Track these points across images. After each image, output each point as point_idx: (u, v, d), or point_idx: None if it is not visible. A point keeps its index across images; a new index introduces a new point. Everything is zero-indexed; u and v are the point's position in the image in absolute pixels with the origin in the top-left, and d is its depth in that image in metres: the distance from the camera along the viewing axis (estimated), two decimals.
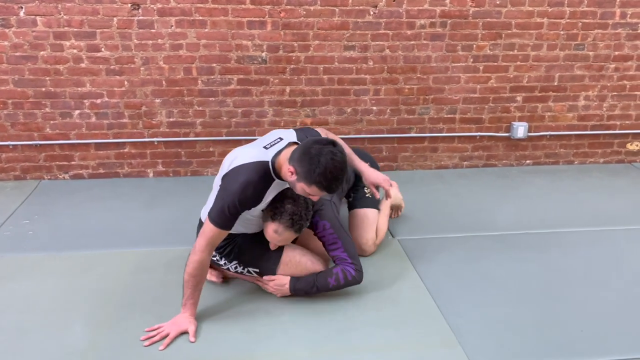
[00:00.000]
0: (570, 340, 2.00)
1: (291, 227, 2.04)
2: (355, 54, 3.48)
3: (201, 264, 1.96)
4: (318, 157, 1.81)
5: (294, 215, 2.02)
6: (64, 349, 1.91)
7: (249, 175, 1.91)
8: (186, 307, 2.01)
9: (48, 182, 3.52)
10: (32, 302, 2.19)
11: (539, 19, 3.54)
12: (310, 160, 1.82)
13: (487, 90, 3.69)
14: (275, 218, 2.04)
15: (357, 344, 1.96)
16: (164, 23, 3.27)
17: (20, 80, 3.28)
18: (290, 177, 1.89)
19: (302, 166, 1.84)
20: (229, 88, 3.47)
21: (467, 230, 2.89)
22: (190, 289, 1.99)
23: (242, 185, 1.90)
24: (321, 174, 1.81)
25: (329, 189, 1.86)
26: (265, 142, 2.06)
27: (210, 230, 1.94)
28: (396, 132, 3.72)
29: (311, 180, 1.83)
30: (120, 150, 3.54)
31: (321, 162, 1.81)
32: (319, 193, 1.89)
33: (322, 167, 1.81)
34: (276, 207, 2.03)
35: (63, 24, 3.20)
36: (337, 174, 1.85)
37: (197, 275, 1.97)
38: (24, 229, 2.84)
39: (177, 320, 2.00)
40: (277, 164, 1.95)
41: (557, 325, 2.08)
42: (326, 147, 1.84)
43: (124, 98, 3.40)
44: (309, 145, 1.86)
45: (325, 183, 1.84)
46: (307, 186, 1.86)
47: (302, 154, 1.85)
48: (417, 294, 2.29)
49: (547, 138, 3.90)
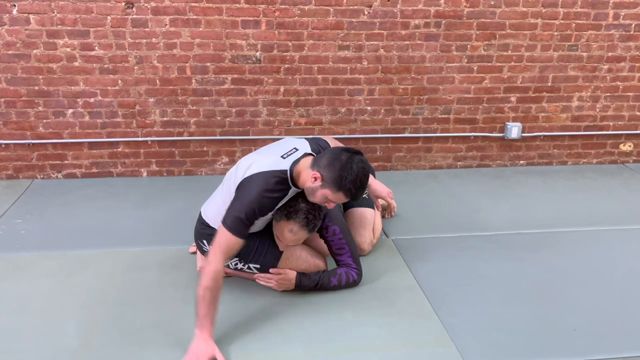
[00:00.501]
0: (562, 339, 2.00)
1: (306, 226, 2.05)
2: (349, 53, 3.48)
3: (217, 274, 1.86)
4: (350, 164, 1.88)
5: (308, 214, 2.03)
6: (56, 349, 1.90)
7: (268, 184, 1.94)
8: (203, 326, 1.83)
9: (41, 181, 3.50)
10: (25, 302, 2.17)
11: (533, 19, 3.56)
12: (342, 167, 1.87)
13: (481, 90, 3.70)
14: (291, 217, 2.03)
15: (352, 344, 1.96)
16: (158, 22, 3.26)
17: (13, 78, 3.26)
18: (313, 182, 1.92)
19: (331, 172, 1.89)
20: (223, 87, 3.46)
21: (461, 230, 2.89)
22: (207, 305, 1.83)
23: (261, 193, 1.92)
24: (352, 181, 1.88)
25: (355, 196, 1.93)
26: (282, 151, 2.09)
27: (227, 239, 1.90)
28: (390, 132, 3.73)
29: (340, 187, 1.89)
30: (113, 150, 3.53)
31: (353, 169, 1.88)
32: (343, 200, 1.94)
33: (354, 175, 1.88)
34: (291, 206, 2.04)
35: (56, 23, 3.18)
36: (365, 183, 1.94)
37: (214, 288, 1.85)
38: (16, 228, 2.82)
39: (198, 349, 1.80)
40: (295, 173, 1.99)
41: (549, 324, 2.09)
42: (356, 156, 1.92)
43: (117, 97, 3.39)
44: (337, 152, 1.92)
45: (354, 190, 1.90)
46: (333, 192, 1.91)
47: (331, 161, 1.90)
48: (411, 293, 2.30)
49: (540, 138, 3.91)
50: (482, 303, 2.23)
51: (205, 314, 1.84)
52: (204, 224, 2.21)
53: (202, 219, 2.23)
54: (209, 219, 2.19)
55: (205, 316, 1.84)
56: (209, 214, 2.20)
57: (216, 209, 2.14)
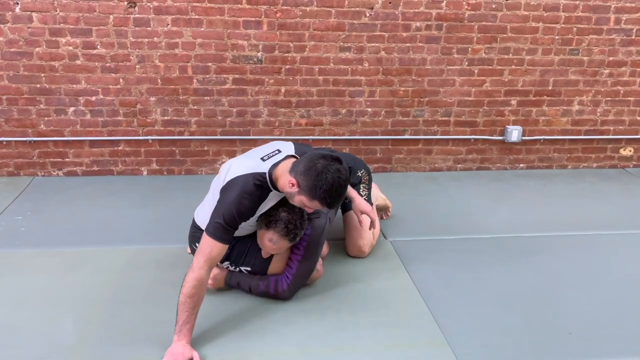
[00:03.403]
0: (558, 342, 2.00)
1: (286, 236, 2.02)
2: (350, 55, 3.49)
3: (200, 283, 1.83)
4: (325, 173, 1.81)
5: (289, 224, 2.00)
6: (53, 345, 1.90)
7: (245, 187, 1.90)
8: (182, 333, 1.83)
9: (41, 178, 3.51)
10: (23, 298, 2.18)
11: (534, 23, 3.56)
12: (317, 176, 1.82)
13: (482, 93, 3.71)
14: (270, 226, 2.01)
15: (347, 344, 1.96)
16: (160, 21, 3.27)
17: (15, 76, 3.28)
18: (290, 188, 1.88)
19: (306, 180, 1.83)
20: (224, 87, 3.47)
21: (459, 233, 2.90)
22: (187, 312, 1.83)
23: (239, 196, 1.88)
24: (326, 190, 1.82)
25: (330, 205, 1.88)
26: (263, 153, 2.06)
27: (209, 245, 1.87)
28: (390, 134, 3.74)
29: (314, 195, 1.84)
30: (114, 148, 3.54)
31: (327, 179, 1.81)
32: (319, 207, 1.90)
33: (329, 185, 1.81)
34: (271, 216, 2.01)
35: (59, 21, 3.20)
36: (341, 192, 1.87)
37: (195, 295, 1.83)
38: (16, 225, 2.84)
39: (177, 350, 1.81)
40: (274, 175, 1.94)
41: (545, 327, 2.09)
42: (333, 165, 1.84)
43: (119, 96, 3.40)
44: (314, 159, 1.86)
45: (329, 200, 1.85)
46: (309, 200, 1.87)
47: (307, 168, 1.84)
48: (408, 295, 2.30)
49: (541, 142, 3.91)
50: (478, 305, 2.23)
51: (185, 321, 1.84)
52: (196, 228, 2.20)
53: (195, 223, 2.23)
54: (200, 223, 2.17)
55: (184, 323, 1.84)
56: (200, 218, 2.18)
57: (206, 213, 2.12)
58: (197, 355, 1.83)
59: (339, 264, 2.52)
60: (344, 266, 2.51)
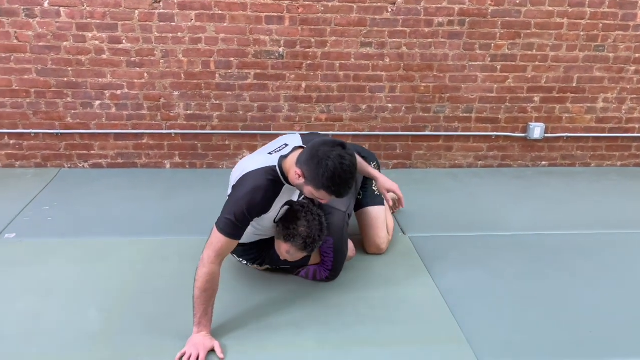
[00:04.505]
0: (578, 341, 1.99)
1: (304, 250, 2.03)
2: (372, 50, 3.49)
3: (212, 276, 1.84)
4: (326, 160, 1.74)
5: (307, 239, 1.98)
6: (78, 333, 1.96)
7: (257, 181, 1.87)
8: (201, 325, 1.86)
9: (68, 170, 3.60)
10: (49, 286, 2.25)
11: (559, 19, 3.51)
12: (318, 164, 1.75)
13: (504, 90, 3.67)
14: (288, 240, 2.01)
15: (365, 338, 1.98)
16: (184, 17, 3.31)
17: (43, 69, 3.36)
18: (298, 180, 1.84)
19: (309, 170, 1.78)
20: (246, 82, 3.50)
21: (479, 230, 2.89)
22: (204, 305, 1.85)
23: (251, 191, 1.85)
24: (330, 178, 1.74)
25: (337, 193, 1.80)
26: (270, 149, 2.04)
27: (219, 240, 1.85)
28: (411, 130, 3.73)
29: (319, 184, 1.77)
30: (138, 141, 3.60)
31: (329, 166, 1.73)
32: (328, 197, 1.84)
33: (331, 172, 1.74)
34: (288, 229, 1.99)
35: (86, 16, 3.26)
36: (347, 178, 1.77)
37: (209, 289, 1.84)
38: (43, 215, 2.91)
39: (197, 340, 1.84)
40: (285, 168, 1.90)
41: (566, 326, 2.08)
42: (334, 150, 1.76)
43: (143, 90, 3.46)
44: (316, 147, 1.80)
45: (334, 188, 1.78)
46: (316, 190, 1.81)
47: (310, 157, 1.78)
48: (427, 291, 2.31)
49: (564, 139, 3.86)
50: (498, 303, 2.23)
51: (202, 313, 1.86)
52: None
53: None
54: None
55: (203, 316, 1.86)
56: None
57: None
58: (218, 345, 1.86)
59: (357, 259, 2.53)
60: (362, 261, 2.52)
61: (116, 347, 1.90)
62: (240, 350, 1.90)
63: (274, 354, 1.89)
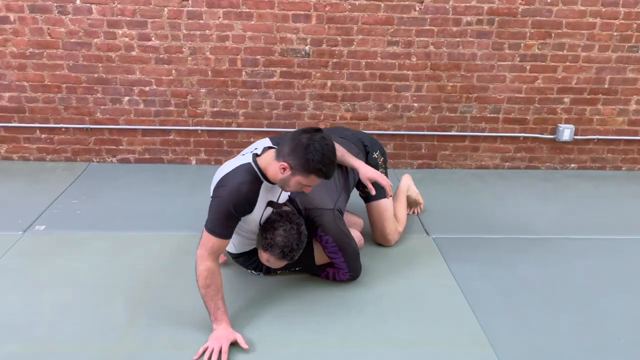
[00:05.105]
0: (605, 347, 1.95)
1: (283, 259, 2.03)
2: (398, 49, 3.47)
3: (210, 272, 1.88)
4: (313, 144, 1.81)
5: (284, 248, 1.99)
6: (104, 324, 2.00)
7: (238, 178, 1.89)
8: (218, 319, 1.90)
9: (96, 164, 3.67)
10: (77, 278, 2.30)
11: (592, 18, 3.44)
12: (306, 150, 1.81)
13: (533, 90, 3.61)
14: (267, 249, 2.02)
15: (387, 338, 1.98)
16: (212, 14, 3.35)
17: (75, 65, 3.43)
18: (283, 173, 1.86)
19: (296, 158, 1.82)
20: (272, 80, 3.52)
21: (505, 232, 2.85)
22: (213, 300, 1.89)
23: (235, 188, 1.87)
24: (320, 161, 1.81)
25: (327, 174, 1.87)
26: (242, 152, 2.09)
27: (209, 240, 1.89)
28: (436, 130, 3.69)
29: (310, 168, 1.83)
30: (165, 137, 3.65)
31: (317, 149, 1.81)
32: (317, 181, 1.89)
33: (320, 154, 1.81)
34: (266, 238, 2.00)
35: (116, 13, 3.32)
36: (333, 158, 1.87)
37: (211, 284, 1.88)
38: (72, 208, 2.98)
39: (220, 334, 1.86)
40: (262, 165, 1.93)
41: (592, 332, 2.03)
42: (316, 135, 1.84)
43: (171, 86, 3.50)
44: (296, 136, 1.85)
45: (325, 169, 1.84)
46: (305, 177, 1.85)
47: (294, 147, 1.83)
48: (450, 292, 2.28)
49: (594, 142, 3.78)
50: (523, 306, 2.19)
51: (215, 308, 1.89)
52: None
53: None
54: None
55: (215, 310, 1.89)
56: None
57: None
58: (241, 336, 1.88)
59: (380, 258, 2.53)
60: (385, 261, 2.51)
61: (141, 338, 1.93)
62: (263, 346, 1.91)
63: (296, 350, 1.90)
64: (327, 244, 2.19)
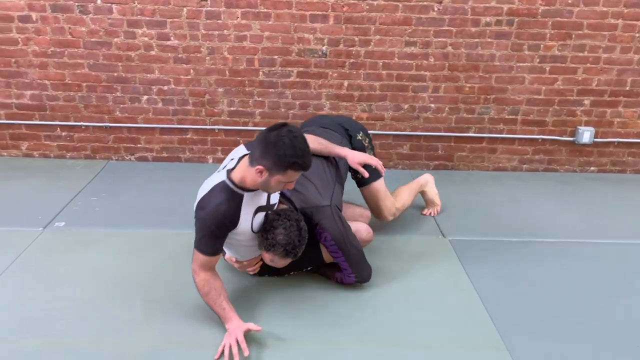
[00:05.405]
0: (625, 355, 1.92)
1: (286, 257, 2.01)
2: (416, 50, 3.45)
3: (206, 281, 1.94)
4: (281, 139, 1.79)
5: (287, 246, 1.97)
6: (121, 320, 2.03)
7: (215, 199, 1.89)
8: (227, 318, 1.93)
9: (115, 162, 3.71)
10: (95, 274, 2.33)
11: (613, 20, 3.38)
12: (275, 147, 1.79)
13: (553, 92, 3.57)
14: (269, 249, 2.00)
15: (402, 340, 1.97)
16: (230, 14, 3.36)
17: (95, 64, 3.47)
18: (261, 177, 1.85)
19: (269, 157, 1.81)
20: (289, 80, 3.53)
21: (522, 235, 2.82)
22: (217, 304, 1.94)
23: (213, 210, 1.88)
24: (292, 154, 1.80)
25: (304, 166, 1.85)
26: (218, 169, 2.08)
27: (199, 257, 1.94)
28: (454, 131, 3.67)
29: (285, 164, 1.81)
30: (183, 136, 3.68)
31: (286, 143, 1.79)
32: (296, 175, 1.87)
33: (290, 147, 1.79)
34: (267, 239, 1.98)
35: (136, 13, 3.35)
36: (305, 148, 1.85)
37: (211, 290, 1.94)
38: (91, 205, 3.02)
39: (232, 328, 1.89)
40: (237, 178, 1.92)
41: (612, 339, 2.00)
42: (282, 129, 1.82)
43: (189, 86, 3.53)
44: (264, 137, 1.84)
45: (300, 161, 1.82)
46: (283, 174, 1.83)
47: (264, 148, 1.82)
48: (465, 295, 2.27)
49: (614, 145, 3.72)
50: (540, 311, 2.17)
51: (221, 311, 1.94)
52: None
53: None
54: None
55: (222, 312, 1.93)
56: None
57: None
58: (251, 324, 1.89)
59: (395, 259, 2.52)
60: (400, 262, 2.50)
61: (158, 335, 1.95)
62: (280, 346, 1.92)
63: (310, 351, 1.90)
64: (326, 241, 2.16)
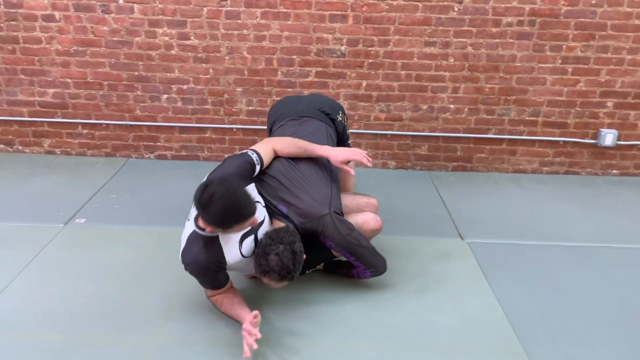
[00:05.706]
0: None
1: (282, 280, 1.96)
2: (435, 50, 3.42)
3: (220, 299, 2.05)
4: (212, 206, 1.79)
5: (281, 271, 1.91)
6: (139, 317, 2.05)
7: (192, 250, 1.92)
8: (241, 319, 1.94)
9: (135, 160, 3.75)
10: (114, 271, 2.36)
11: (638, 21, 3.32)
12: (206, 213, 1.81)
13: (575, 93, 3.51)
14: (264, 275, 1.94)
15: (419, 343, 1.96)
16: (249, 14, 3.38)
17: (116, 63, 3.52)
18: (212, 232, 1.89)
19: (206, 220, 1.83)
20: (307, 80, 3.53)
21: (542, 239, 2.78)
22: (232, 309, 2.01)
23: (194, 262, 1.92)
24: (222, 216, 1.80)
25: (241, 222, 1.85)
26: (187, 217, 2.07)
27: (209, 292, 2.07)
28: (473, 132, 3.63)
29: (225, 227, 1.85)
30: (201, 135, 3.71)
31: (216, 208, 1.78)
32: (245, 225, 1.88)
33: (218, 210, 1.79)
34: (261, 265, 1.92)
35: (157, 12, 3.38)
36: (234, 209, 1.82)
37: (223, 301, 2.04)
38: (111, 202, 3.05)
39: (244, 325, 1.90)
40: (203, 224, 1.91)
41: (633, 345, 1.97)
42: (208, 199, 1.80)
43: (208, 85, 3.55)
44: (196, 200, 1.84)
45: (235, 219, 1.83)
46: (214, 228, 1.86)
47: (200, 213, 1.84)
48: (485, 299, 2.25)
49: (638, 148, 3.65)
50: (560, 316, 2.14)
51: (237, 315, 1.99)
52: None
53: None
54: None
55: (237, 316, 1.98)
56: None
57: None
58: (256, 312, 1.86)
59: (413, 262, 2.51)
60: (418, 264, 2.49)
61: (175, 332, 1.97)
62: (295, 347, 1.92)
63: (326, 352, 1.90)
64: (334, 248, 2.13)
